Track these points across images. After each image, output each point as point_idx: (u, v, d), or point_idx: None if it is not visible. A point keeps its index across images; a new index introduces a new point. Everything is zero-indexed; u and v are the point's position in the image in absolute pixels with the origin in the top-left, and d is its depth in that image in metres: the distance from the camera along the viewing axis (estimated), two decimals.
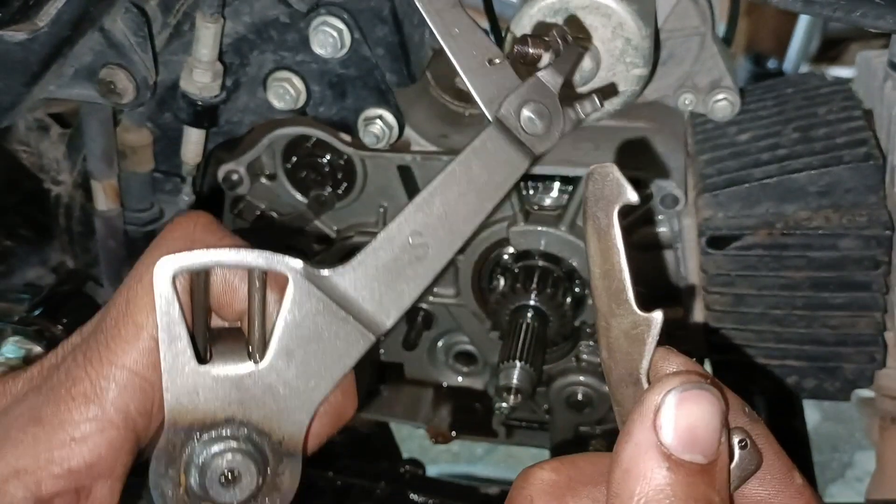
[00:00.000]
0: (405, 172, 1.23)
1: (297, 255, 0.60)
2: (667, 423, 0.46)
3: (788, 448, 0.53)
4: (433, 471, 1.42)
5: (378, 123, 1.12)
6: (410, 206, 0.64)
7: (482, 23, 1.24)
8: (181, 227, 0.64)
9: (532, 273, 1.23)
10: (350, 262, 0.63)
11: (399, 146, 1.19)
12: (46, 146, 1.24)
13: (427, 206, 0.65)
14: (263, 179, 1.30)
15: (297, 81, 1.11)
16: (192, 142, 1.16)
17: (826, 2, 0.88)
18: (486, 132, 0.66)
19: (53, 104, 1.23)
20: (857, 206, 1.09)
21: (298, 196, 1.30)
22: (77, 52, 1.03)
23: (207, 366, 0.59)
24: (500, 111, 0.67)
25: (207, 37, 1.06)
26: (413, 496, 1.25)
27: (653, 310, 0.53)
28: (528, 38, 0.71)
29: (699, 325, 1.20)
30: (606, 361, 0.55)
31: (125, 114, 1.16)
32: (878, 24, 0.87)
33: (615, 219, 0.54)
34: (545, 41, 0.71)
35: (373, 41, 1.07)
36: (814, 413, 2.62)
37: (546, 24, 1.08)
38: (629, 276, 0.54)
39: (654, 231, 1.22)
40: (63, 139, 1.25)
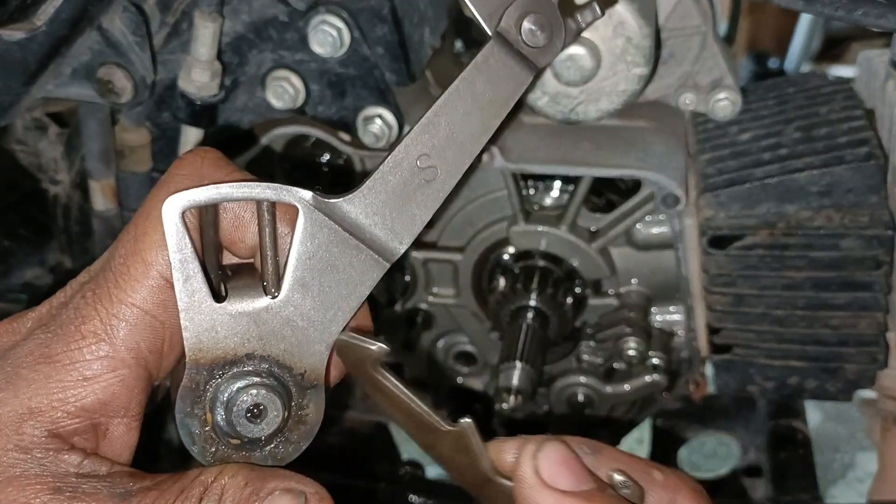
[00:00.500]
0: None
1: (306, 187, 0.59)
2: (545, 470, 0.57)
3: (789, 448, 0.53)
4: (433, 472, 1.41)
5: (377, 122, 1.12)
6: (416, 129, 0.63)
7: None
8: (188, 164, 0.62)
9: (532, 273, 1.23)
10: (359, 189, 0.62)
11: None
12: (44, 146, 1.24)
13: (433, 128, 0.64)
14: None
15: (296, 80, 1.10)
16: (191, 141, 1.15)
17: (828, 1, 0.88)
18: (488, 47, 0.65)
19: (51, 103, 1.23)
20: (859, 206, 1.08)
21: None
22: (75, 51, 1.03)
23: (224, 303, 0.59)
24: (501, 24, 0.65)
25: (206, 36, 1.05)
26: (412, 497, 1.25)
27: (458, 419, 0.59)
28: None
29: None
30: (457, 479, 0.61)
31: (123, 113, 1.16)
32: (880, 24, 0.87)
33: (381, 373, 0.60)
34: None
35: (372, 40, 1.07)
36: (815, 413, 2.61)
37: None
38: (425, 405, 0.60)
39: (655, 231, 1.22)
40: (61, 139, 1.25)
